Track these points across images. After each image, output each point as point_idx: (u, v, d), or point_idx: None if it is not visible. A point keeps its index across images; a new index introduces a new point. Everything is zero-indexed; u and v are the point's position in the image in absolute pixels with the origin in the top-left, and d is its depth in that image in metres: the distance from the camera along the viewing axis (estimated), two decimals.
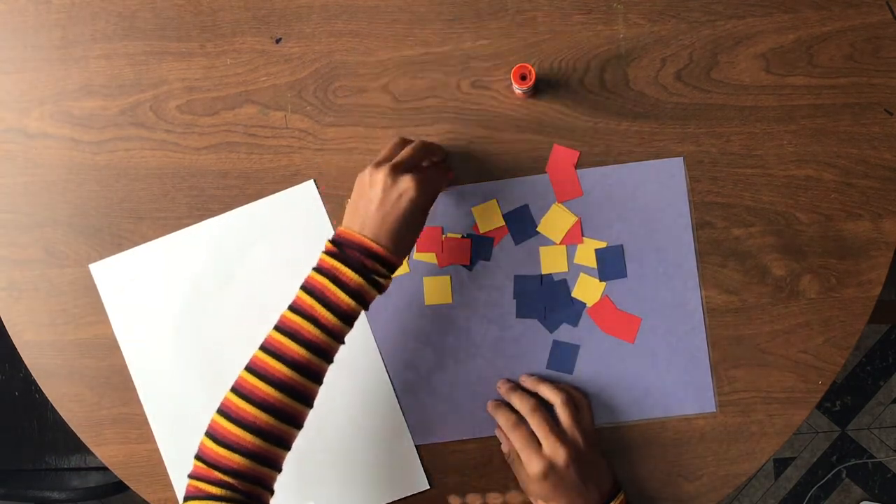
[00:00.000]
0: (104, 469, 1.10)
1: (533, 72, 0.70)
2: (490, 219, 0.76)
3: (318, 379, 0.64)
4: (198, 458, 0.62)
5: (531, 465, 0.70)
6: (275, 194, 0.78)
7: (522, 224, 0.76)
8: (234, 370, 0.64)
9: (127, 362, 0.78)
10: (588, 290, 0.76)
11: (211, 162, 0.78)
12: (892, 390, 1.56)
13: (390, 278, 0.65)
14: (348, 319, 0.63)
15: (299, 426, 0.64)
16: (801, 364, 0.75)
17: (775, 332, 0.75)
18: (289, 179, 0.78)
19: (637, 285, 0.76)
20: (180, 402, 0.78)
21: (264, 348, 0.63)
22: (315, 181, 0.77)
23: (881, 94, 0.74)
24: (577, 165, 0.76)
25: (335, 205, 0.78)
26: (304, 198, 0.77)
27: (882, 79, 0.74)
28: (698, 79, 0.75)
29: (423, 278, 0.77)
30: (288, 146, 0.78)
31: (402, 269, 0.77)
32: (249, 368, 0.63)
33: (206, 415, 0.66)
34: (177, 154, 0.78)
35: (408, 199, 0.64)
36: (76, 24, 0.79)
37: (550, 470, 0.69)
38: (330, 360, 0.65)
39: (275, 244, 0.78)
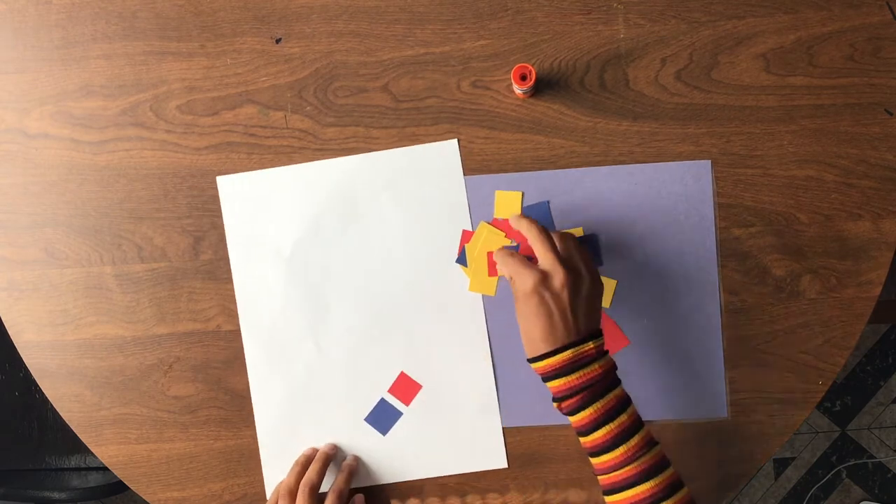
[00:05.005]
0: (104, 469, 1.11)
1: (533, 72, 0.70)
2: (509, 209, 0.76)
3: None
4: None
5: (525, 280, 0.63)
6: (416, 146, 0.77)
7: (540, 222, 0.76)
8: (335, 308, 0.68)
9: (233, 277, 0.78)
10: None
11: (211, 162, 0.78)
12: (892, 390, 1.56)
13: None
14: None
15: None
16: (801, 364, 0.75)
17: (775, 332, 0.75)
18: None
19: (657, 287, 0.75)
20: (279, 327, 0.78)
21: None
22: (458, 141, 0.77)
23: (881, 94, 0.74)
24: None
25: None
26: (446, 155, 0.77)
27: (882, 79, 0.74)
28: (698, 79, 0.75)
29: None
30: (288, 146, 0.78)
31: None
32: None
33: (298, 342, 0.70)
34: (177, 154, 0.78)
35: None
36: (76, 24, 0.79)
37: (542, 283, 0.63)
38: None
39: (405, 195, 0.77)
